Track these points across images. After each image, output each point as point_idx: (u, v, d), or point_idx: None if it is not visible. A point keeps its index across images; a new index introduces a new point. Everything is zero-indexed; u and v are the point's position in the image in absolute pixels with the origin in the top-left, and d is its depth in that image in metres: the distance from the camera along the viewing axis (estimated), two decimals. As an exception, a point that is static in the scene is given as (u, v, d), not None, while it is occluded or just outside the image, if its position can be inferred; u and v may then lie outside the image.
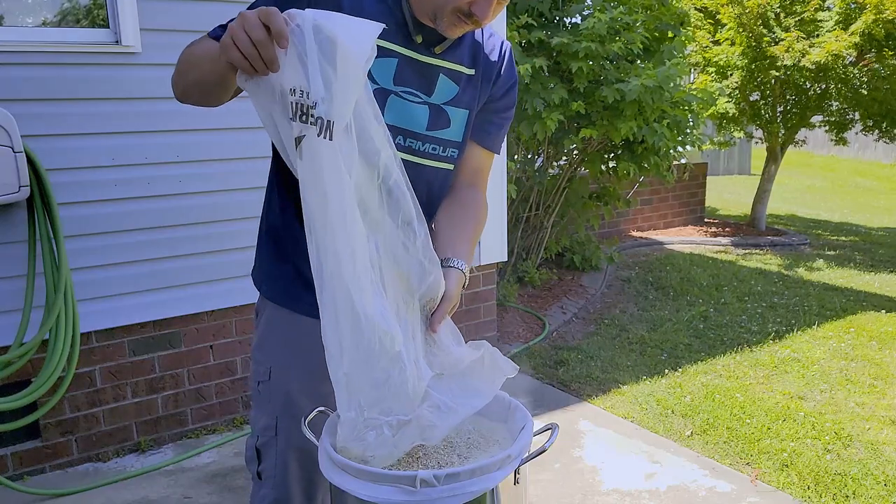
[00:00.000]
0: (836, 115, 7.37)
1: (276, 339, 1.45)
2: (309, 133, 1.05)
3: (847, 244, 7.39)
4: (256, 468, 1.49)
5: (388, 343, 1.11)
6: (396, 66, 1.35)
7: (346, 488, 1.14)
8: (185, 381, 3.07)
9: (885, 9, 6.22)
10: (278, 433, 1.45)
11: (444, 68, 1.40)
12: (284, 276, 1.43)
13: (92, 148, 2.71)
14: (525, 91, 4.47)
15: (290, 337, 1.44)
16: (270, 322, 1.46)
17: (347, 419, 1.13)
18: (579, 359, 3.98)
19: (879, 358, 4.02)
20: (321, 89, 1.03)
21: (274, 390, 1.45)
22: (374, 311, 1.10)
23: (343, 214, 1.08)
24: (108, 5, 2.69)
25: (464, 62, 1.42)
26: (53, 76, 2.60)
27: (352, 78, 1.04)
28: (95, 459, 2.90)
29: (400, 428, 1.14)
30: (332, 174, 1.07)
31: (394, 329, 1.12)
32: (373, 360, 1.12)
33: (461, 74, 1.42)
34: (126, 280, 2.83)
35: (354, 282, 1.09)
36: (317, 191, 1.07)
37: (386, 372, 1.13)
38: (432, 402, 1.17)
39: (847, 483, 2.70)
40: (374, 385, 1.13)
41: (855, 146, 14.50)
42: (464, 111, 1.43)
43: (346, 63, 1.03)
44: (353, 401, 1.12)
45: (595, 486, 2.71)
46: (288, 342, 1.44)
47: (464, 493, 1.11)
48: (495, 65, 1.46)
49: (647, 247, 7.03)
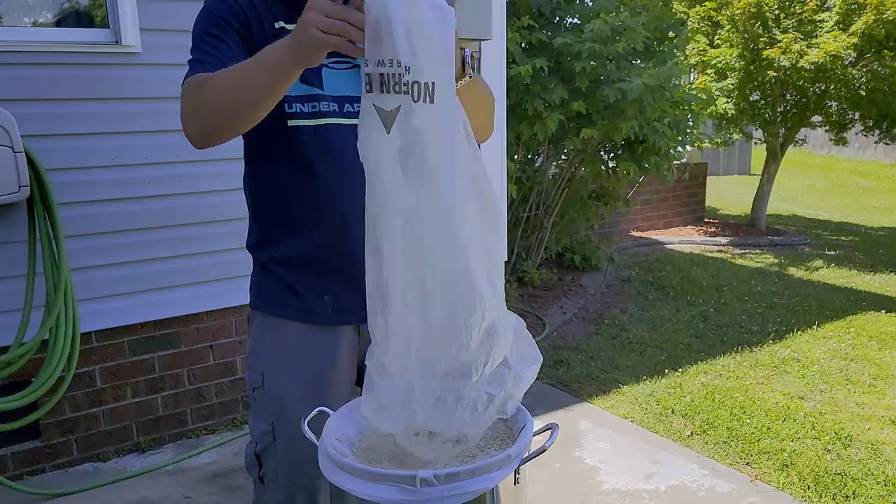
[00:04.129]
0: (835, 115, 7.37)
1: (266, 345, 1.47)
2: (404, 103, 0.97)
3: (847, 244, 7.39)
4: (258, 473, 1.50)
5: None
6: None
7: (345, 487, 1.14)
8: (185, 381, 3.07)
9: (886, 9, 6.22)
10: (276, 438, 1.45)
11: None
12: (270, 284, 1.46)
13: (92, 148, 2.71)
14: (525, 91, 4.47)
15: (281, 343, 1.45)
16: (260, 329, 1.49)
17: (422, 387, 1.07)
18: (579, 359, 3.98)
19: (879, 358, 4.02)
20: (407, 54, 0.95)
21: (268, 396, 1.46)
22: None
23: (459, 186, 1.00)
24: (108, 5, 2.69)
25: None
26: (53, 76, 2.60)
27: (438, 37, 0.97)
28: (95, 459, 2.90)
29: (489, 403, 1.10)
30: (440, 140, 0.98)
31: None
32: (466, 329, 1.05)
33: None
34: (126, 280, 2.83)
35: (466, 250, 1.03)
36: (421, 167, 0.99)
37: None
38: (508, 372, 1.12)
39: (847, 483, 2.70)
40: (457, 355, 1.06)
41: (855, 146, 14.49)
42: None
43: (429, 21, 0.96)
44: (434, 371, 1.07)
45: (595, 486, 2.71)
46: (278, 348, 1.45)
47: (464, 492, 1.11)
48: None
49: (647, 247, 7.03)
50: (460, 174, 1.01)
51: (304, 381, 1.43)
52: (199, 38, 1.33)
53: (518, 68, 4.26)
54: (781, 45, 6.48)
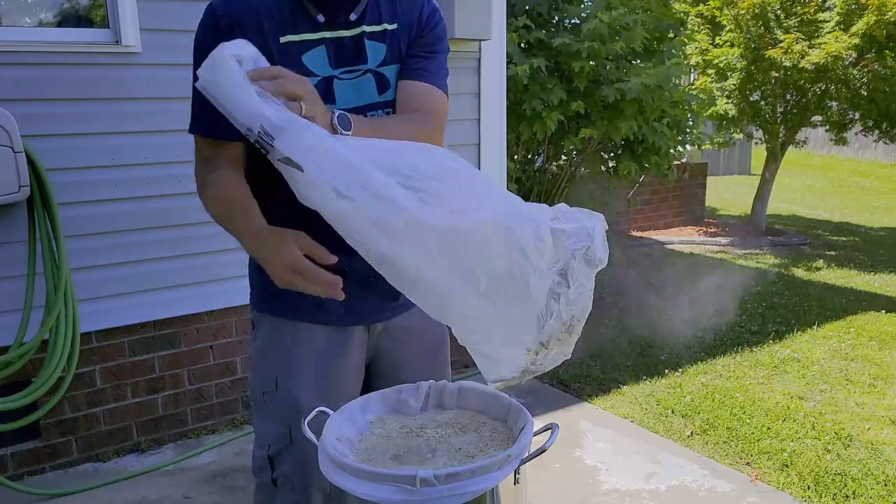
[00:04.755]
0: (836, 115, 7.37)
1: (279, 347, 1.46)
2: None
3: (847, 244, 7.39)
4: (270, 476, 1.49)
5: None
6: (326, 51, 1.35)
7: (345, 487, 1.14)
8: (185, 381, 3.07)
9: (888, 10, 6.22)
10: (293, 441, 1.44)
11: (366, 32, 1.39)
12: (281, 289, 1.40)
13: (92, 148, 2.71)
14: (524, 91, 4.48)
15: (295, 344, 1.45)
16: (272, 333, 1.48)
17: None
18: (579, 359, 3.98)
19: (879, 358, 4.02)
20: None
21: (281, 399, 1.45)
22: None
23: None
24: (108, 5, 2.69)
25: (383, 19, 1.41)
26: (53, 76, 2.60)
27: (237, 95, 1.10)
28: (95, 459, 2.90)
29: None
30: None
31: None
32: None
33: (384, 32, 1.41)
34: (126, 280, 2.83)
35: None
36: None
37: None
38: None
39: (847, 483, 2.70)
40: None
41: (855, 146, 14.49)
42: (395, 66, 1.45)
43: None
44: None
45: (595, 486, 2.71)
46: (292, 350, 1.45)
47: (464, 492, 1.11)
48: (415, 9, 1.46)
49: (646, 247, 7.03)
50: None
51: (319, 381, 1.45)
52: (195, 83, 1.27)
53: (516, 68, 4.26)
54: (783, 46, 6.48)
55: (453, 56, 3.49)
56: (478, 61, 3.57)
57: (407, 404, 1.46)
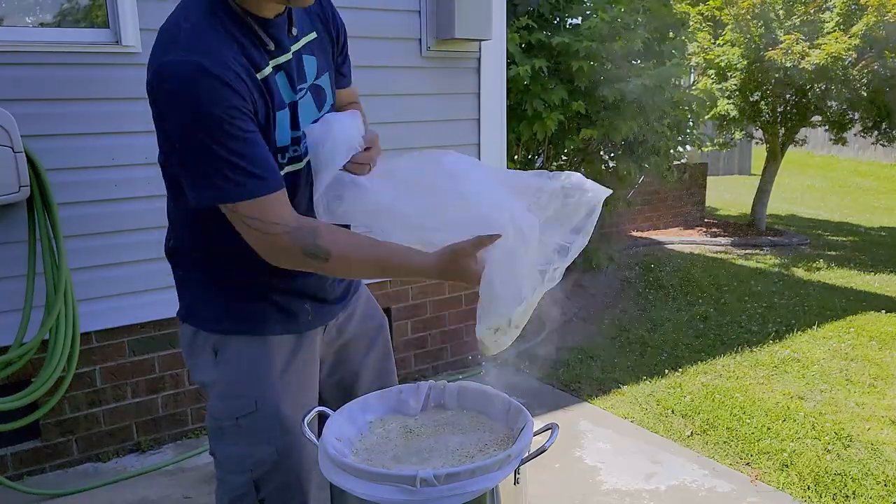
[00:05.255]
0: (835, 115, 7.37)
1: (254, 368, 1.41)
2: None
3: (847, 244, 7.39)
4: (255, 500, 1.43)
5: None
6: (286, 76, 1.33)
7: (346, 487, 1.14)
8: (185, 381, 3.07)
9: (888, 11, 6.22)
10: (280, 459, 1.41)
11: (300, 48, 1.37)
12: (259, 308, 1.42)
13: (92, 148, 2.71)
14: (525, 92, 4.48)
15: (270, 359, 1.42)
16: (242, 353, 1.42)
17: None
18: (579, 359, 3.98)
19: (879, 358, 4.02)
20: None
21: (263, 419, 1.40)
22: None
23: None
24: (108, 5, 2.69)
25: (304, 31, 1.39)
26: (53, 76, 2.60)
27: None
28: (95, 459, 2.90)
29: (544, 276, 1.31)
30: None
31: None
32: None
33: (310, 44, 1.40)
34: (126, 280, 2.83)
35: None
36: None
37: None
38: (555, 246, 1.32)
39: (847, 483, 2.70)
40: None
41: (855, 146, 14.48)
42: (326, 75, 1.45)
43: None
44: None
45: (595, 486, 2.71)
46: (270, 366, 1.41)
47: (464, 492, 1.11)
48: (326, 12, 1.46)
49: (647, 247, 7.03)
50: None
51: (296, 392, 1.44)
52: (228, 142, 1.19)
53: (517, 69, 4.26)
54: (783, 46, 6.49)
55: (453, 56, 3.51)
56: (478, 61, 3.57)
57: (407, 404, 1.46)
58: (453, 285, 3.78)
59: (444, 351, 3.82)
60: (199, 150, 1.19)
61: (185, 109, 1.18)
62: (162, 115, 1.24)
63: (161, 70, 1.19)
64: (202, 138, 1.18)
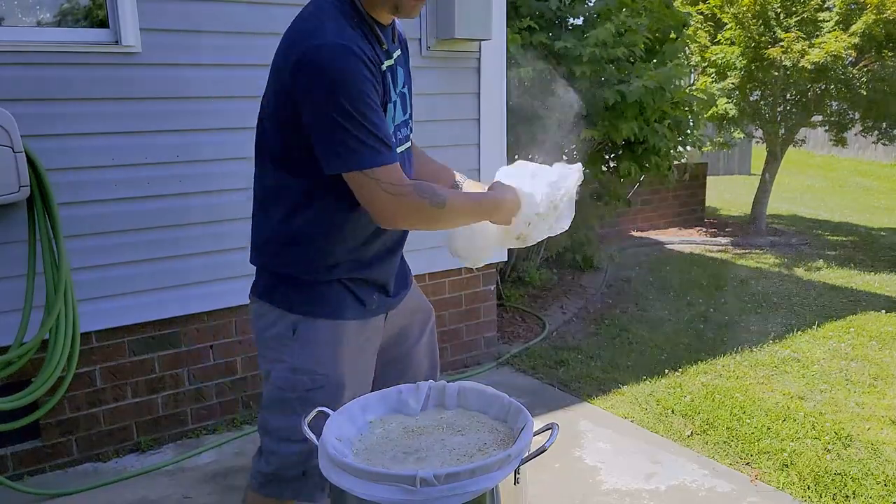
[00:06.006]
0: (835, 115, 7.37)
1: (329, 347, 1.58)
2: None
3: (847, 244, 7.39)
4: (303, 469, 1.60)
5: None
6: (390, 76, 1.54)
7: (346, 487, 1.14)
8: (185, 381, 3.07)
9: (886, 9, 6.21)
10: None
11: (395, 57, 1.57)
12: (331, 293, 1.59)
13: (92, 148, 2.71)
14: (526, 94, 4.47)
15: (344, 341, 1.60)
16: (319, 334, 1.58)
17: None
18: (579, 359, 3.98)
19: (879, 358, 4.02)
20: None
21: (328, 393, 1.56)
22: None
23: None
24: (108, 5, 2.69)
25: (397, 48, 1.61)
26: (53, 76, 2.60)
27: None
28: (95, 459, 2.90)
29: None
30: None
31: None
32: None
33: (399, 57, 1.61)
34: (126, 280, 2.83)
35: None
36: None
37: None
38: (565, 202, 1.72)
39: (847, 483, 2.70)
40: None
41: (855, 146, 14.49)
42: (409, 86, 1.67)
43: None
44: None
45: (595, 486, 2.71)
46: (342, 346, 1.60)
47: (464, 492, 1.11)
48: (400, 34, 1.67)
49: (647, 247, 7.03)
50: None
51: (361, 367, 1.65)
52: (368, 112, 1.39)
53: (519, 70, 4.26)
54: (783, 45, 6.48)
55: (453, 56, 3.51)
56: (478, 61, 3.57)
57: (407, 404, 1.46)
58: (453, 286, 3.79)
59: (445, 351, 3.82)
60: (343, 117, 1.36)
61: (334, 81, 1.36)
62: (308, 90, 1.38)
63: (311, 49, 1.37)
64: (346, 107, 1.35)
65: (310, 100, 1.38)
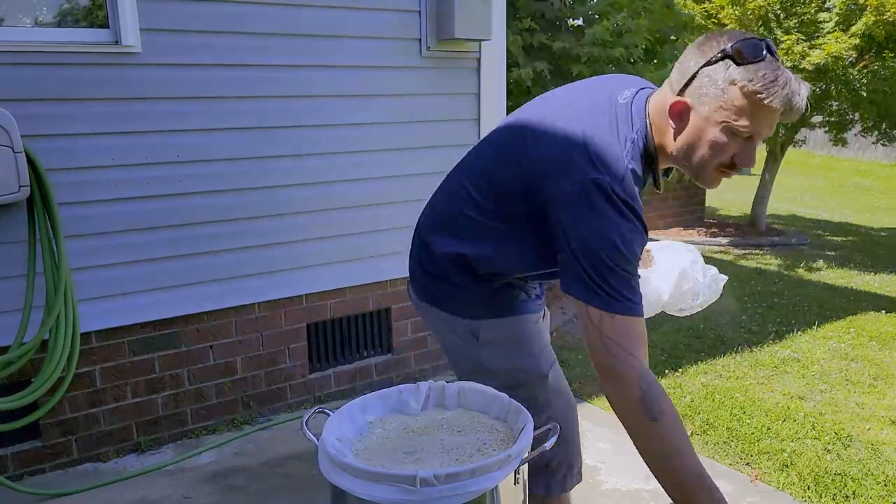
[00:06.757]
0: (835, 115, 7.37)
1: (531, 339, 1.71)
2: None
3: (847, 244, 7.39)
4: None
5: None
6: None
7: (345, 487, 1.14)
8: (185, 381, 3.07)
9: (886, 10, 6.22)
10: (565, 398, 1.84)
11: None
12: (507, 297, 1.68)
13: (92, 148, 2.71)
14: (526, 94, 4.48)
15: (526, 331, 1.71)
16: (500, 328, 1.66)
17: None
18: (579, 359, 3.98)
19: (879, 358, 4.02)
20: None
21: (532, 373, 1.70)
22: None
23: None
24: (108, 5, 2.69)
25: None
26: (53, 76, 2.60)
27: None
28: (95, 459, 2.90)
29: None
30: None
31: None
32: None
33: None
34: (126, 280, 2.83)
35: None
36: None
37: None
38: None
39: (847, 483, 2.70)
40: None
41: (855, 146, 14.49)
42: None
43: None
44: None
45: (595, 486, 2.71)
46: (529, 334, 1.72)
47: (464, 492, 1.11)
48: None
49: (647, 247, 7.02)
50: None
51: (542, 349, 1.75)
52: (626, 264, 1.35)
53: (520, 71, 4.27)
54: (784, 47, 6.48)
55: (453, 56, 3.51)
56: (478, 61, 3.57)
57: (407, 405, 1.46)
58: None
59: (444, 351, 3.82)
60: (600, 259, 1.32)
61: (605, 222, 1.32)
62: (579, 217, 1.34)
63: (590, 184, 1.32)
64: (609, 253, 1.32)
65: (575, 227, 1.37)
